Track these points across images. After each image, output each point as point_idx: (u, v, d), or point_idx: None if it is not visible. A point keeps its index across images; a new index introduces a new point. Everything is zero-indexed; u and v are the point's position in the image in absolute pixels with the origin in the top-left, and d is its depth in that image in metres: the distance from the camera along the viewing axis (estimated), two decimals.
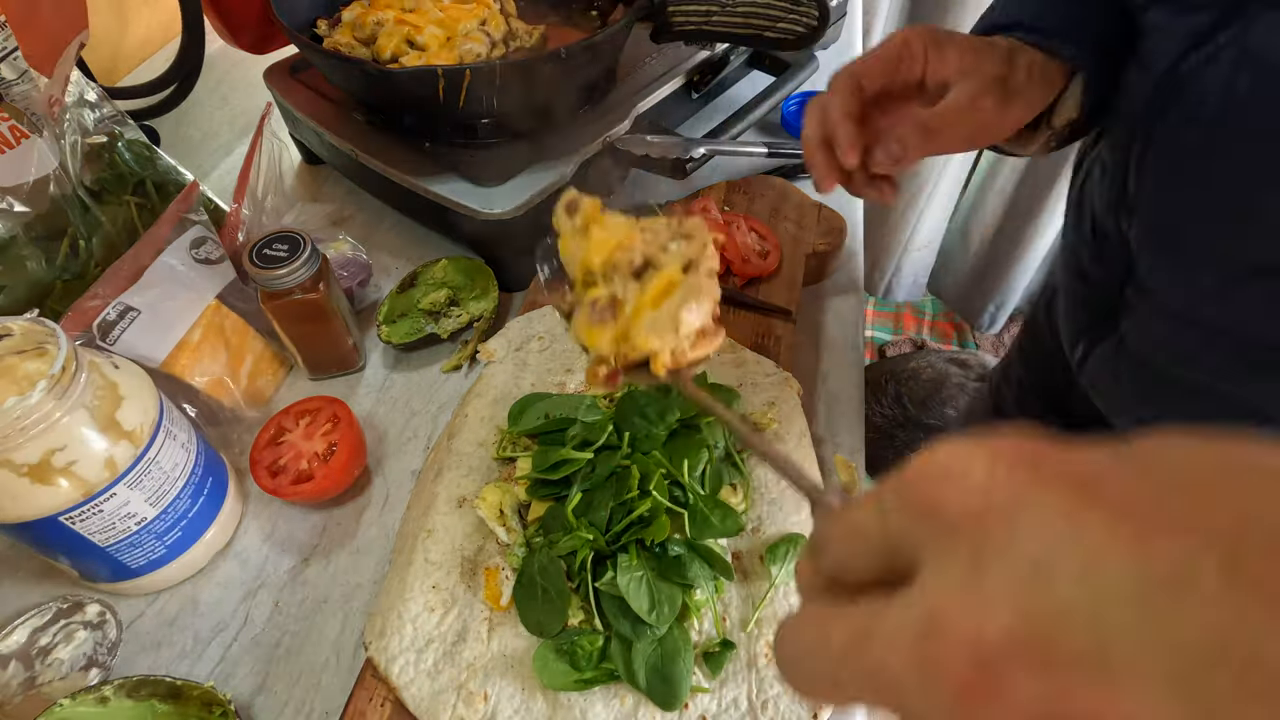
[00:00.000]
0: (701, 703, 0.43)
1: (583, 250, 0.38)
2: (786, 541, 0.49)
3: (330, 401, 0.57)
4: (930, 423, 1.48)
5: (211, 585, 0.53)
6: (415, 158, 0.70)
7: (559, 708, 0.43)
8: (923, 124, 0.45)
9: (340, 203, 0.84)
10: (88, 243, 0.59)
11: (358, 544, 0.55)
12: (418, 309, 0.69)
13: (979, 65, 0.44)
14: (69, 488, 0.43)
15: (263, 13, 0.71)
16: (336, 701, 0.47)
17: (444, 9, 0.74)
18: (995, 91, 0.44)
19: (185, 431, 0.51)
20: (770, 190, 0.77)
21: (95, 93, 0.63)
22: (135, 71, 0.86)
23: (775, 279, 0.69)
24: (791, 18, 0.69)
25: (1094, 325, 0.52)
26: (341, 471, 0.55)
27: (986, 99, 0.44)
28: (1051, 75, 0.45)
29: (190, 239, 0.60)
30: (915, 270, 1.79)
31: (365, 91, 0.71)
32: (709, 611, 0.46)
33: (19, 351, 0.44)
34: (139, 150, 0.65)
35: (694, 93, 0.85)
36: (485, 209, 0.65)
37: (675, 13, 0.72)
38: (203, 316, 0.59)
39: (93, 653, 0.48)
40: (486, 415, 0.57)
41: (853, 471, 0.59)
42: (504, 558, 0.49)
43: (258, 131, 0.68)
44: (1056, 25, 0.45)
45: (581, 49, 0.64)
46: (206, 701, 0.45)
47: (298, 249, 0.57)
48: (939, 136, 0.45)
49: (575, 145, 0.70)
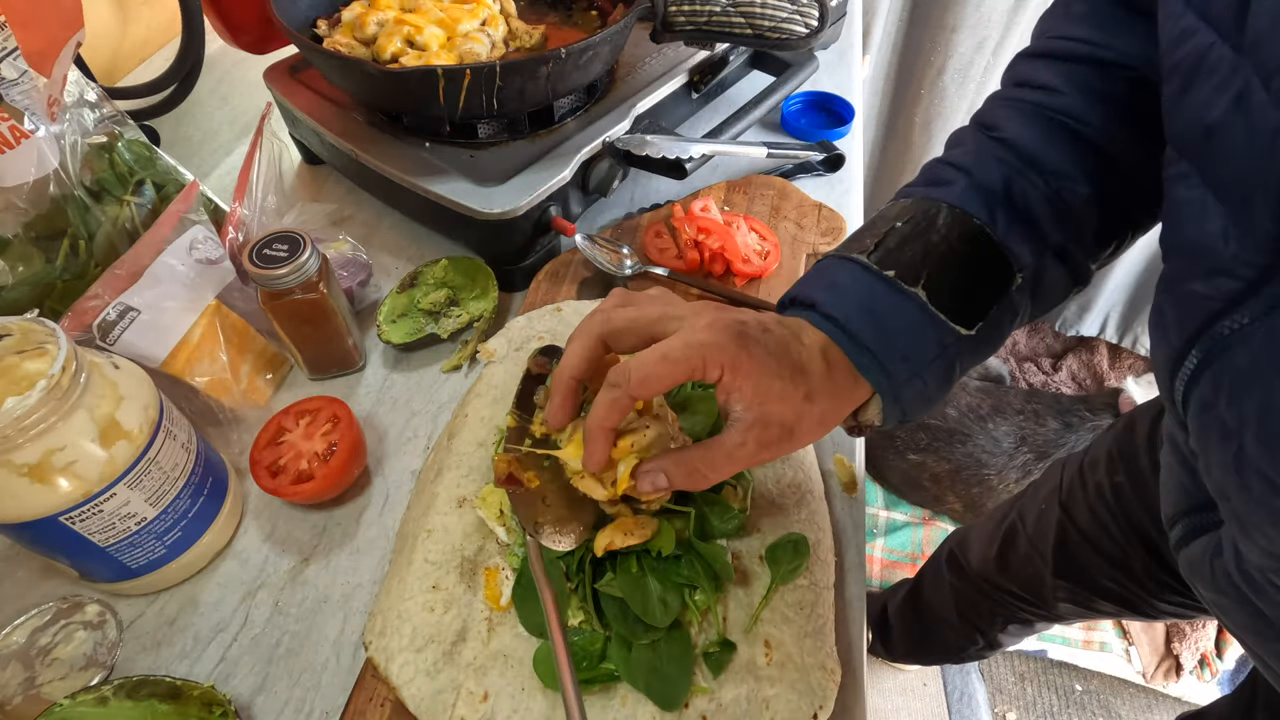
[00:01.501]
0: (701, 703, 0.43)
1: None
2: (786, 541, 0.49)
3: (330, 401, 0.57)
4: (931, 422, 1.48)
5: (211, 585, 0.53)
6: (415, 158, 0.70)
7: (559, 708, 0.43)
8: (690, 465, 0.40)
9: (340, 203, 0.83)
10: (88, 243, 0.59)
11: (358, 544, 0.55)
12: (418, 309, 0.69)
13: (770, 407, 0.38)
14: (69, 488, 0.43)
15: (263, 13, 0.71)
16: (336, 701, 0.47)
17: (444, 9, 0.74)
18: (778, 441, 0.38)
19: (185, 431, 0.51)
20: (770, 190, 0.77)
21: (95, 93, 0.63)
22: (135, 71, 0.86)
23: (775, 279, 0.69)
24: (791, 18, 0.69)
25: (1195, 511, 0.42)
26: (341, 471, 0.55)
27: (766, 451, 0.38)
28: (859, 388, 0.40)
29: (190, 239, 0.60)
30: None
31: (365, 91, 0.71)
32: (709, 612, 0.46)
33: (19, 351, 0.44)
34: (139, 150, 0.65)
35: (694, 93, 0.85)
36: (485, 209, 0.65)
37: (675, 13, 0.72)
38: (203, 316, 0.59)
39: (93, 653, 0.48)
40: (486, 415, 0.57)
41: (852, 472, 0.58)
42: (504, 558, 0.49)
43: (258, 131, 0.68)
44: (870, 341, 0.39)
45: (581, 49, 0.64)
46: (206, 701, 0.45)
47: (298, 249, 0.57)
48: (704, 480, 0.40)
49: (575, 145, 0.70)
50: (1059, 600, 0.84)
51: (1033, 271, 0.41)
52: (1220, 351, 0.30)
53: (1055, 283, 0.42)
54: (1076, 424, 1.43)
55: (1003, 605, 0.95)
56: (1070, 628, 1.41)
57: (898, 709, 1.39)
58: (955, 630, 1.08)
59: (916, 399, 0.40)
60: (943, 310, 0.39)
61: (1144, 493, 0.68)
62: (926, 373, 0.39)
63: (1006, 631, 1.00)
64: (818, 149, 0.82)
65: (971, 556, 0.98)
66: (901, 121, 1.64)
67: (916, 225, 0.40)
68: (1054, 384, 1.75)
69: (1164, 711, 1.39)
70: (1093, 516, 0.74)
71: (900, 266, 0.39)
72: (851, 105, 0.91)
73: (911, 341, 0.39)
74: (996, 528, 0.92)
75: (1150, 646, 1.40)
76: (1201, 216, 0.31)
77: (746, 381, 0.37)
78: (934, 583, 1.12)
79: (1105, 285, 1.63)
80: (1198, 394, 0.32)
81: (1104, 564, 0.74)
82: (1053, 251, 0.41)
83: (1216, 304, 0.30)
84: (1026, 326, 1.86)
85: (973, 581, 0.98)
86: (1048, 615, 0.91)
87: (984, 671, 1.44)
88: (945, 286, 0.39)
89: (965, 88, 1.51)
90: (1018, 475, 1.42)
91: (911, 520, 1.56)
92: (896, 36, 1.57)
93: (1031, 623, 0.96)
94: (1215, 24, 0.29)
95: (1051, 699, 1.41)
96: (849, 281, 0.40)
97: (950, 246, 0.39)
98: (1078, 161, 0.40)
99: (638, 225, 0.74)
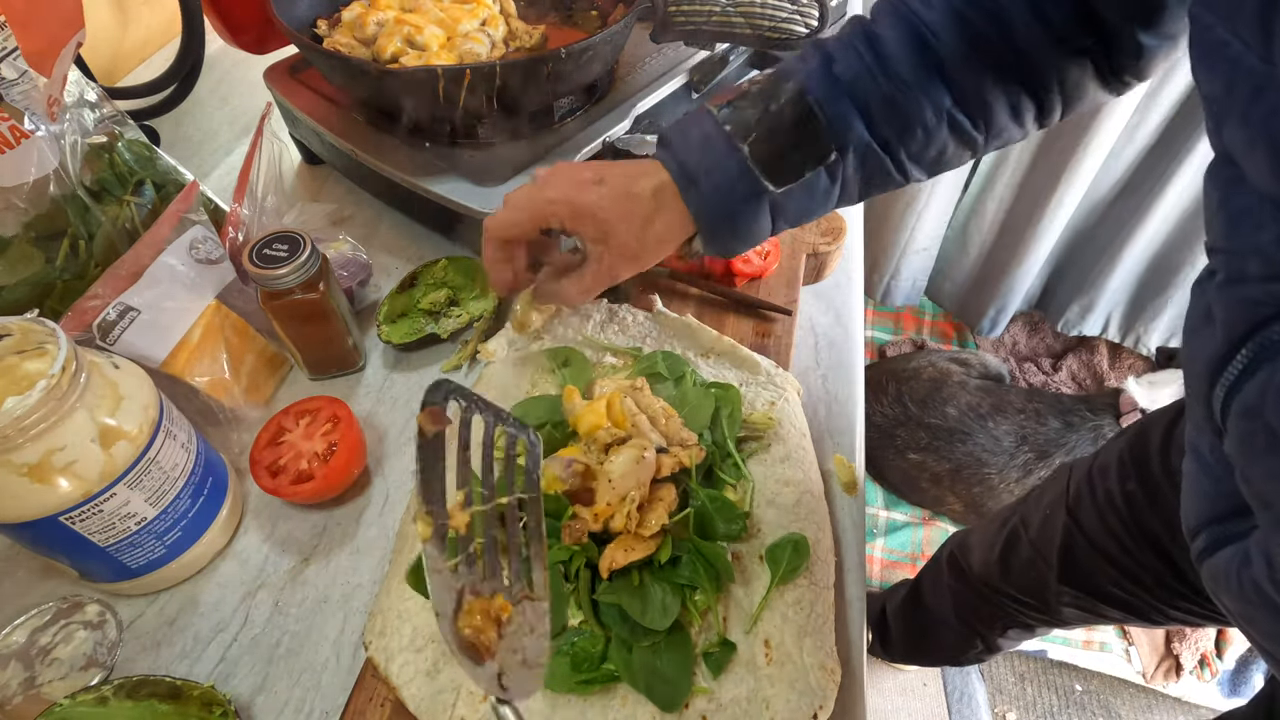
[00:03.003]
0: (701, 703, 0.43)
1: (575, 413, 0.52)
2: (786, 541, 0.49)
3: (330, 401, 0.57)
4: (931, 421, 1.47)
5: (211, 585, 0.53)
6: (415, 158, 0.70)
7: (559, 708, 0.43)
8: (567, 294, 0.52)
9: (340, 203, 0.83)
10: (88, 243, 0.59)
11: (358, 544, 0.55)
12: (418, 309, 0.69)
13: (612, 235, 0.49)
14: (69, 488, 0.43)
15: (263, 13, 0.71)
16: (336, 701, 0.47)
17: (444, 9, 0.74)
18: (622, 264, 0.50)
19: (185, 431, 0.51)
20: None
21: (95, 93, 0.63)
22: (135, 71, 0.86)
23: (775, 279, 0.69)
24: (791, 18, 0.69)
25: (1221, 520, 0.41)
26: (341, 471, 0.55)
27: (617, 268, 0.50)
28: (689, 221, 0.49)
29: (190, 239, 0.60)
30: (914, 274, 1.79)
31: (365, 91, 0.71)
32: (709, 612, 0.46)
33: (19, 351, 0.44)
34: (139, 150, 0.65)
35: (694, 93, 0.85)
36: (485, 209, 0.65)
37: (675, 13, 0.72)
38: (203, 316, 0.59)
39: (93, 653, 0.48)
40: None
41: (852, 472, 0.58)
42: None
43: (258, 131, 0.68)
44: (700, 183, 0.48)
45: (581, 49, 0.64)
46: (206, 701, 0.45)
47: (298, 249, 0.57)
48: (584, 297, 0.53)
49: (575, 145, 0.70)
50: (1063, 605, 0.83)
51: (856, 154, 0.47)
52: (1271, 356, 0.31)
53: (881, 170, 0.48)
54: (1078, 423, 1.43)
55: (1003, 610, 0.94)
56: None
57: (898, 709, 1.39)
58: (954, 632, 1.07)
59: (729, 235, 0.49)
60: (759, 166, 0.47)
61: (1157, 500, 0.68)
62: (738, 215, 0.48)
63: (1007, 636, 1.00)
64: None
65: (972, 560, 0.97)
66: None
67: (764, 92, 0.47)
68: (1054, 384, 1.75)
69: (1164, 712, 1.39)
70: (1102, 524, 0.74)
71: (737, 124, 0.47)
72: None
73: (729, 187, 0.47)
74: (998, 531, 0.91)
75: (1150, 646, 1.40)
76: (1257, 223, 0.31)
77: (587, 220, 0.48)
78: (933, 585, 1.11)
79: (1107, 285, 1.63)
80: (1240, 399, 0.33)
81: (1113, 571, 0.74)
82: (878, 143, 0.47)
83: (1269, 309, 0.31)
84: (1026, 327, 1.86)
85: (973, 585, 0.98)
86: (1050, 620, 0.90)
87: (984, 671, 1.44)
88: (765, 147, 0.46)
89: None
90: (1018, 475, 1.42)
91: (911, 520, 1.56)
92: None
93: (1032, 627, 0.95)
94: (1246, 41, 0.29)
95: (1051, 699, 1.41)
96: (698, 132, 0.48)
97: (782, 117, 0.46)
98: (923, 71, 0.45)
99: None
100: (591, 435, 0.50)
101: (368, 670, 0.46)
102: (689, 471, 0.50)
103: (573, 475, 0.48)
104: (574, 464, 0.48)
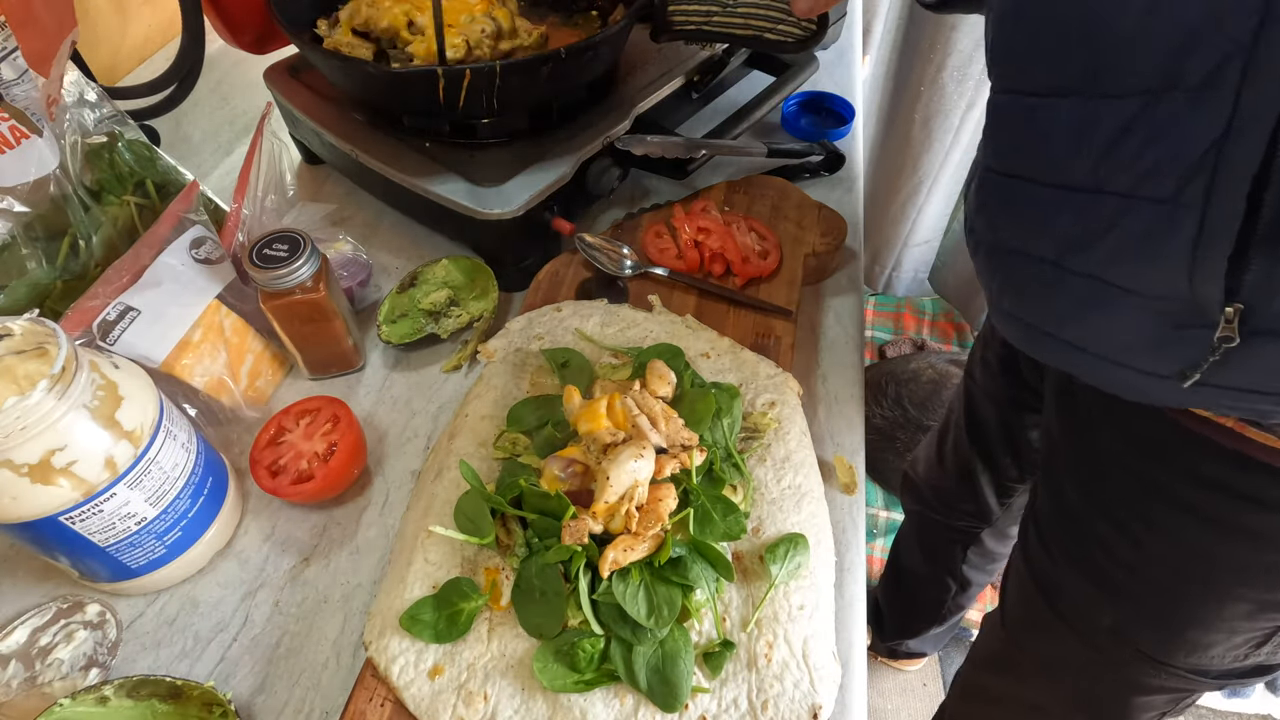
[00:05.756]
0: (701, 703, 0.43)
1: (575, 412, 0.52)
2: (786, 541, 0.49)
3: (330, 401, 0.57)
4: (931, 424, 1.47)
5: (211, 585, 0.53)
6: (415, 158, 0.70)
7: (559, 708, 0.43)
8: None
9: (340, 203, 0.84)
10: (88, 243, 0.59)
11: (358, 544, 0.55)
12: (418, 309, 0.69)
13: None
14: (69, 488, 0.43)
15: (263, 13, 0.71)
16: (336, 701, 0.47)
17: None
18: None
19: (185, 431, 0.51)
20: (770, 190, 0.77)
21: (95, 93, 0.63)
22: (135, 71, 0.86)
23: (775, 279, 0.69)
24: (791, 20, 0.69)
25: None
26: (341, 471, 0.55)
27: None
28: None
29: (190, 239, 0.60)
30: (916, 265, 1.79)
31: (365, 91, 0.71)
32: (709, 612, 0.46)
33: (19, 351, 0.44)
34: (139, 150, 0.65)
35: (694, 93, 0.85)
36: (485, 209, 0.65)
37: (675, 13, 0.72)
38: (203, 316, 0.59)
39: (93, 653, 0.48)
40: (487, 415, 0.57)
41: (852, 472, 0.59)
42: (504, 558, 0.49)
43: (258, 131, 0.68)
44: None
45: (581, 49, 0.64)
46: (206, 701, 0.45)
47: (298, 249, 0.57)
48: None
49: (575, 145, 0.70)
50: (986, 489, 0.91)
51: None
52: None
53: None
54: None
55: (951, 519, 1.00)
56: None
57: (897, 709, 1.39)
58: (927, 581, 1.13)
59: None
60: None
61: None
62: None
63: (968, 562, 1.05)
64: (818, 149, 0.82)
65: (920, 468, 1.05)
66: (901, 118, 1.64)
67: None
68: None
69: None
70: (985, 369, 0.82)
71: None
72: (852, 105, 0.91)
73: None
74: (936, 432, 1.00)
75: None
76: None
77: None
78: (903, 535, 1.19)
79: None
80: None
81: (993, 408, 0.82)
82: None
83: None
84: None
85: (925, 499, 1.04)
86: (984, 516, 0.96)
87: None
88: None
89: (964, 85, 1.51)
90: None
91: None
92: (896, 35, 1.57)
93: (982, 541, 1.01)
94: None
95: None
96: None
97: None
98: None
99: (638, 225, 0.74)
100: (591, 435, 0.50)
101: (368, 670, 0.46)
102: (689, 471, 0.50)
103: (573, 475, 0.48)
104: (574, 464, 0.49)
